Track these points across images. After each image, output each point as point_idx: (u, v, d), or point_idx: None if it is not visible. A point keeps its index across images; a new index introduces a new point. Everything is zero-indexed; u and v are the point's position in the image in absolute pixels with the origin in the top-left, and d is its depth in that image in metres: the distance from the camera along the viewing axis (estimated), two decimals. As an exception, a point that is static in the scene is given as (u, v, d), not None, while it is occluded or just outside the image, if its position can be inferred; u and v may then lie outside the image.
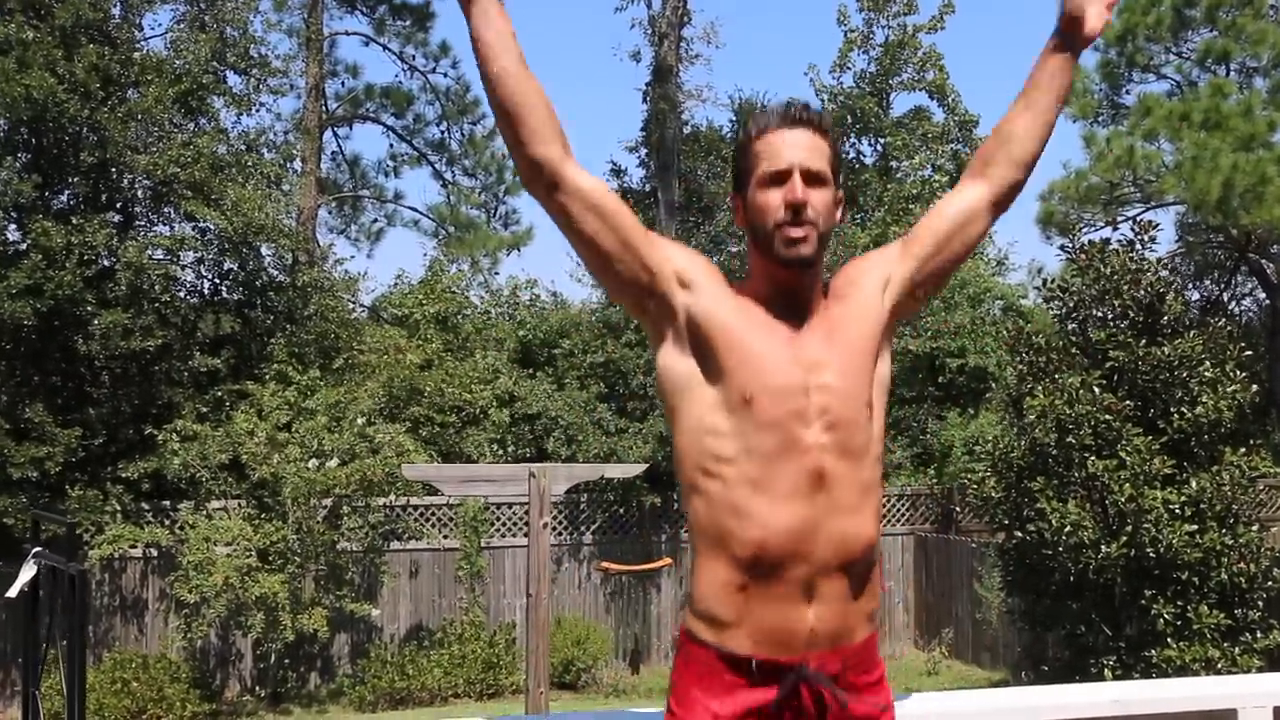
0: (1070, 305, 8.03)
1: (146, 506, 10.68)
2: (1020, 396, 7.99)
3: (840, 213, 1.86)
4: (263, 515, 10.53)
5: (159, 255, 11.29)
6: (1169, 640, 6.96)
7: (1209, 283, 18.56)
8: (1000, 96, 39.22)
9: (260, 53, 12.86)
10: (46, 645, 5.78)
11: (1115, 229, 8.48)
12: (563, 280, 49.21)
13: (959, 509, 13.06)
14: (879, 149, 19.38)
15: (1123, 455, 7.18)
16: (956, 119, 19.54)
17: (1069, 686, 2.55)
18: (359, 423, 10.99)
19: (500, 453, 12.61)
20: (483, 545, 11.54)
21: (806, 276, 1.82)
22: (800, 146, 1.79)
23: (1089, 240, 8.34)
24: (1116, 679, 6.80)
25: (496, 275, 17.31)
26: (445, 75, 17.43)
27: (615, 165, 20.78)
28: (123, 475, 10.39)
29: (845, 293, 1.88)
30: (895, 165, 18.77)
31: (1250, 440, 7.71)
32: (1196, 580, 7.05)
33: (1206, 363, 7.36)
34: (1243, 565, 7.10)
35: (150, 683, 9.73)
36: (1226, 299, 18.43)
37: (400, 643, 11.26)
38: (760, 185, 1.80)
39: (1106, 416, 7.26)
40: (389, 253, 54.89)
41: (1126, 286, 7.63)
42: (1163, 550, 6.97)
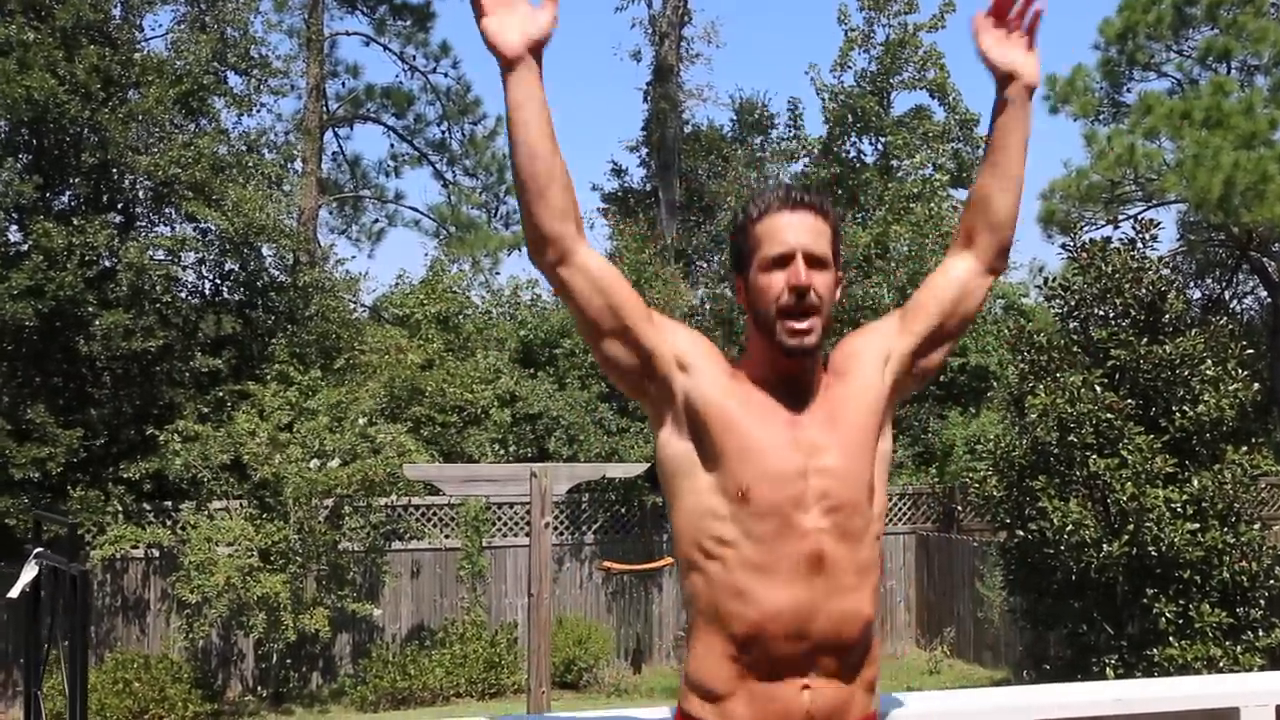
0: (1071, 304, 8.02)
1: (148, 507, 10.69)
2: (1022, 395, 7.99)
3: (840, 292, 1.85)
4: (264, 515, 10.54)
5: (160, 256, 11.30)
6: (1171, 639, 6.96)
7: (1210, 281, 18.56)
8: (1001, 95, 39.11)
9: (261, 53, 12.88)
10: (48, 645, 5.78)
11: (1116, 227, 8.49)
12: (564, 280, 49.18)
13: (960, 508, 13.06)
14: (879, 148, 19.35)
15: (1124, 454, 7.17)
16: (957, 118, 19.51)
17: (1071, 685, 2.55)
18: (360, 423, 10.99)
19: (502, 452, 12.61)
20: (484, 545, 11.55)
21: (808, 362, 1.81)
22: (803, 229, 1.79)
23: (1090, 239, 8.34)
24: (1118, 678, 6.79)
25: (497, 275, 17.36)
26: (446, 75, 17.47)
27: (616, 165, 20.79)
28: (124, 476, 10.40)
29: (846, 369, 1.88)
30: (896, 164, 18.74)
31: (1252, 439, 7.71)
32: (1198, 579, 7.05)
33: (1208, 361, 7.36)
34: (1244, 564, 7.09)
35: (152, 683, 9.74)
36: (1228, 297, 18.43)
37: (402, 642, 11.27)
38: (762, 268, 1.80)
39: (1108, 415, 7.25)
40: (390, 253, 54.89)
41: (1128, 285, 7.63)
42: (1164, 549, 6.97)
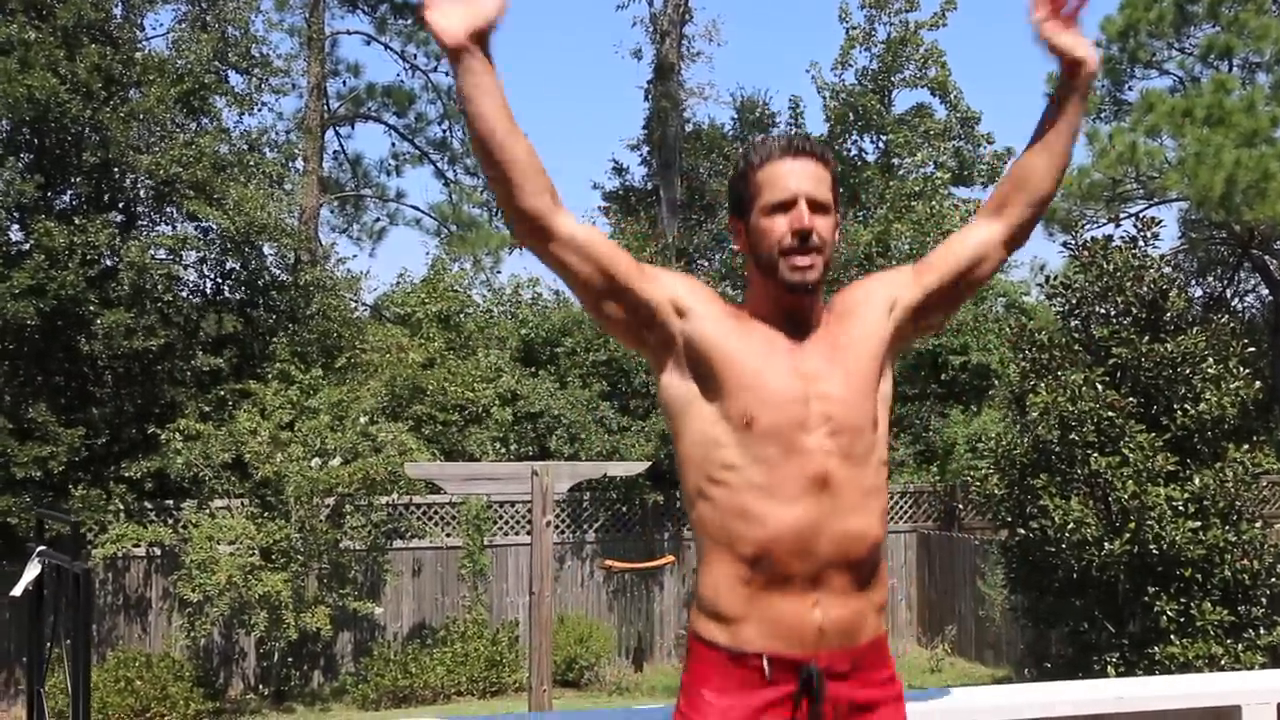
0: (1073, 302, 8.01)
1: (150, 505, 10.70)
2: (1023, 393, 7.98)
3: (839, 236, 1.89)
4: (266, 514, 10.54)
5: (161, 255, 11.30)
6: (1172, 637, 6.96)
7: (1212, 279, 18.55)
8: (1002, 93, 39.19)
9: (262, 52, 12.88)
10: (51, 644, 5.79)
11: (1118, 225, 8.50)
12: (565, 278, 49.18)
13: (962, 506, 13.06)
14: (881, 146, 19.35)
15: (1126, 452, 7.17)
16: (958, 116, 19.51)
17: (1073, 684, 2.55)
18: (361, 421, 11.00)
19: (503, 451, 12.61)
20: (485, 543, 11.55)
21: (809, 299, 1.84)
22: (805, 175, 1.82)
23: (1092, 237, 8.34)
24: (1120, 676, 6.79)
25: (498, 274, 17.38)
26: (447, 74, 17.44)
27: (617, 163, 20.79)
28: (126, 474, 10.41)
29: (849, 311, 1.91)
30: (897, 162, 18.74)
31: (1253, 437, 7.70)
32: (1200, 577, 7.04)
33: (1209, 359, 7.35)
34: (1246, 562, 7.09)
35: (154, 681, 9.75)
36: (1229, 295, 18.42)
37: (403, 641, 11.27)
38: (764, 212, 1.82)
39: (1109, 413, 7.25)
40: (391, 251, 54.84)
41: (1129, 283, 7.62)
42: (1166, 547, 6.97)
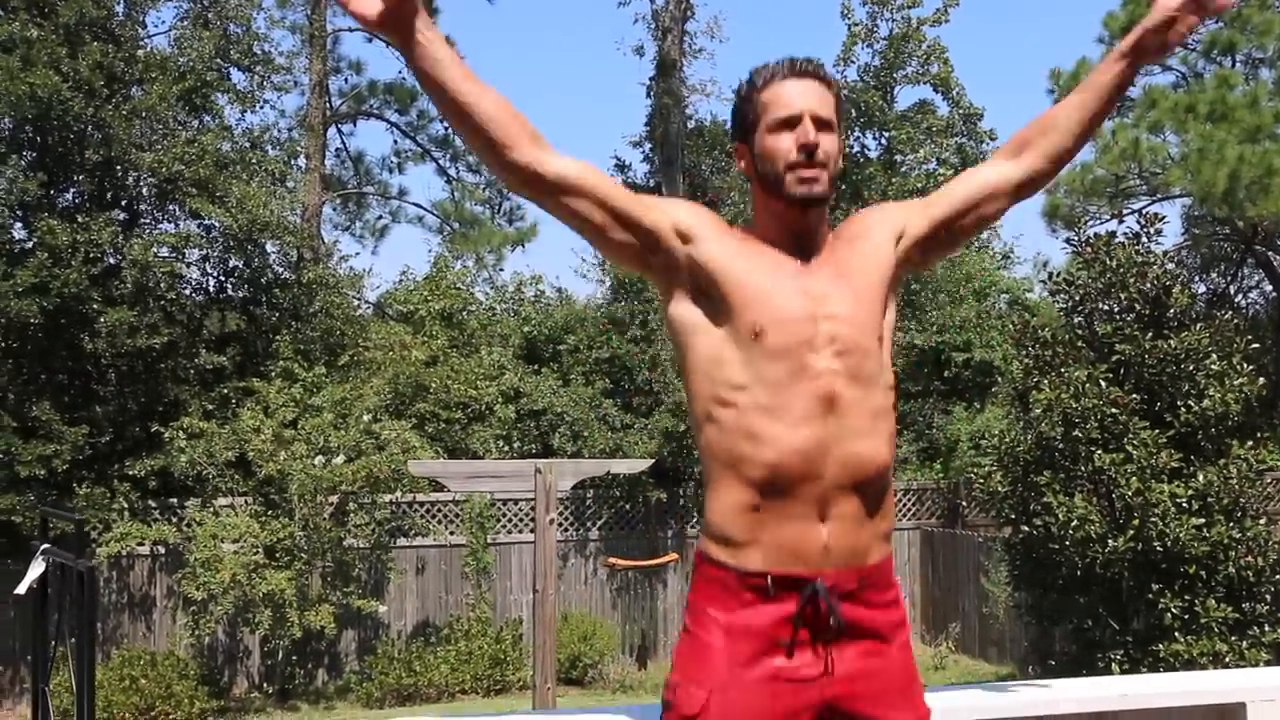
0: (1076, 298, 8.00)
1: (154, 504, 10.72)
2: (1026, 390, 7.97)
3: (842, 159, 1.90)
4: (269, 512, 10.55)
5: (164, 253, 11.32)
6: (1176, 634, 6.94)
7: (1215, 275, 18.52)
8: (1004, 89, 39.12)
9: (264, 49, 12.88)
10: (55, 642, 5.80)
11: (1121, 222, 8.42)
12: (567, 276, 49.26)
13: (965, 504, 13.05)
14: (883, 143, 19.33)
15: (1129, 449, 7.15)
16: (961, 112, 19.49)
17: (1077, 681, 2.54)
18: (365, 419, 11.00)
19: (506, 449, 12.62)
20: (489, 541, 11.56)
21: (814, 216, 1.85)
22: (809, 93, 1.83)
23: (1095, 233, 8.31)
24: (1124, 673, 6.78)
25: (501, 271, 17.32)
26: (449, 71, 17.44)
27: (619, 160, 20.80)
28: (130, 473, 10.43)
29: (857, 235, 1.91)
30: (900, 159, 18.73)
31: (1258, 433, 7.68)
32: (1204, 574, 7.03)
33: (1213, 356, 7.33)
34: (1250, 559, 7.07)
35: (158, 680, 9.76)
36: (1233, 291, 18.38)
37: (407, 639, 11.29)
38: (770, 130, 1.83)
39: (1113, 410, 7.23)
40: (394, 249, 54.91)
41: (1132, 279, 7.60)
42: (1170, 544, 6.95)
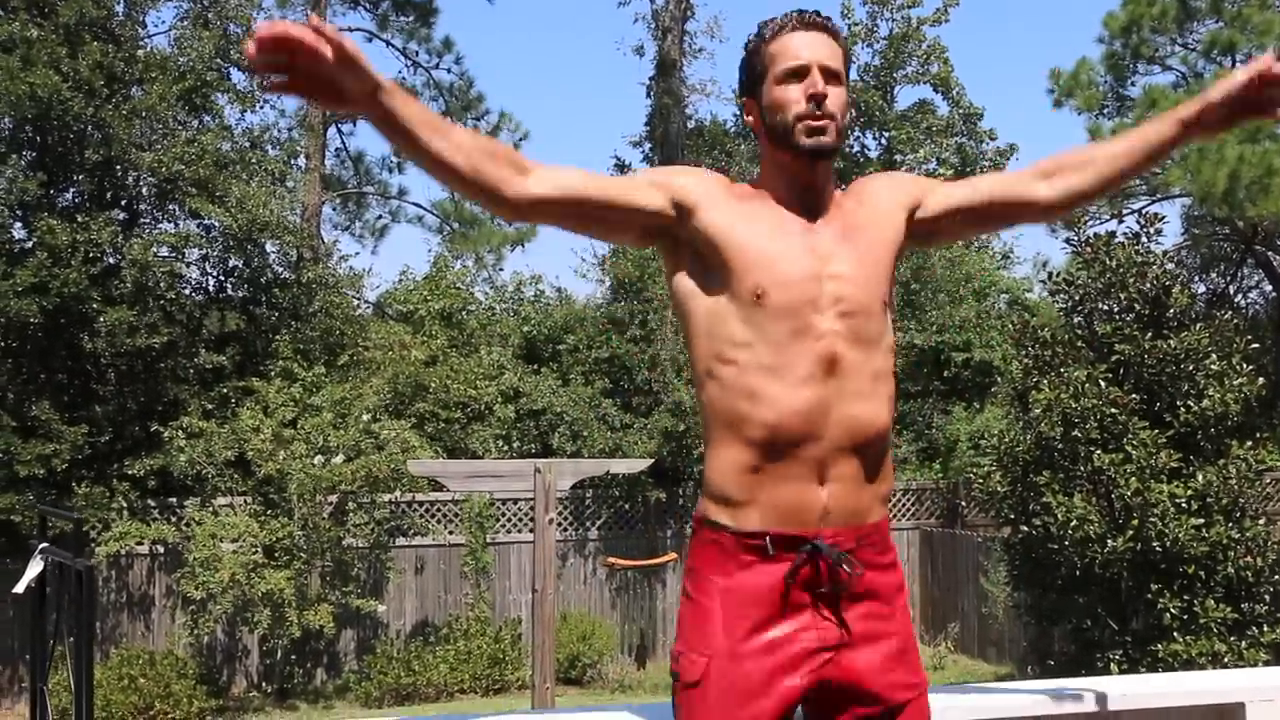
0: (1076, 298, 8.00)
1: (153, 503, 10.71)
2: (1025, 390, 7.97)
3: (851, 112, 1.87)
4: (269, 512, 10.55)
5: (164, 252, 11.32)
6: (1175, 634, 6.94)
7: (1215, 275, 18.53)
8: (1005, 89, 39.13)
9: (264, 49, 12.86)
10: (54, 641, 5.79)
11: (1121, 222, 8.42)
12: (567, 276, 49.26)
13: (964, 503, 13.05)
14: (883, 142, 19.35)
15: (1129, 449, 7.15)
16: (961, 112, 19.51)
17: (1077, 681, 2.54)
18: (364, 419, 11.00)
19: (505, 448, 12.62)
20: (488, 541, 11.56)
21: (822, 168, 1.83)
22: (818, 44, 1.82)
23: (1094, 233, 8.31)
24: (1123, 673, 6.78)
25: (501, 271, 17.32)
26: (449, 71, 17.45)
27: (619, 160, 20.78)
28: (129, 472, 10.43)
29: (866, 196, 1.90)
30: (900, 158, 18.74)
31: (1257, 433, 7.68)
32: (1203, 574, 7.03)
33: (1213, 356, 7.33)
34: (1249, 559, 7.07)
35: (157, 679, 9.76)
36: (1233, 291, 18.39)
37: (406, 639, 11.28)
38: (778, 81, 1.81)
39: (1112, 410, 7.23)
40: (393, 249, 54.86)
41: (1132, 279, 7.60)
42: (1169, 544, 6.95)
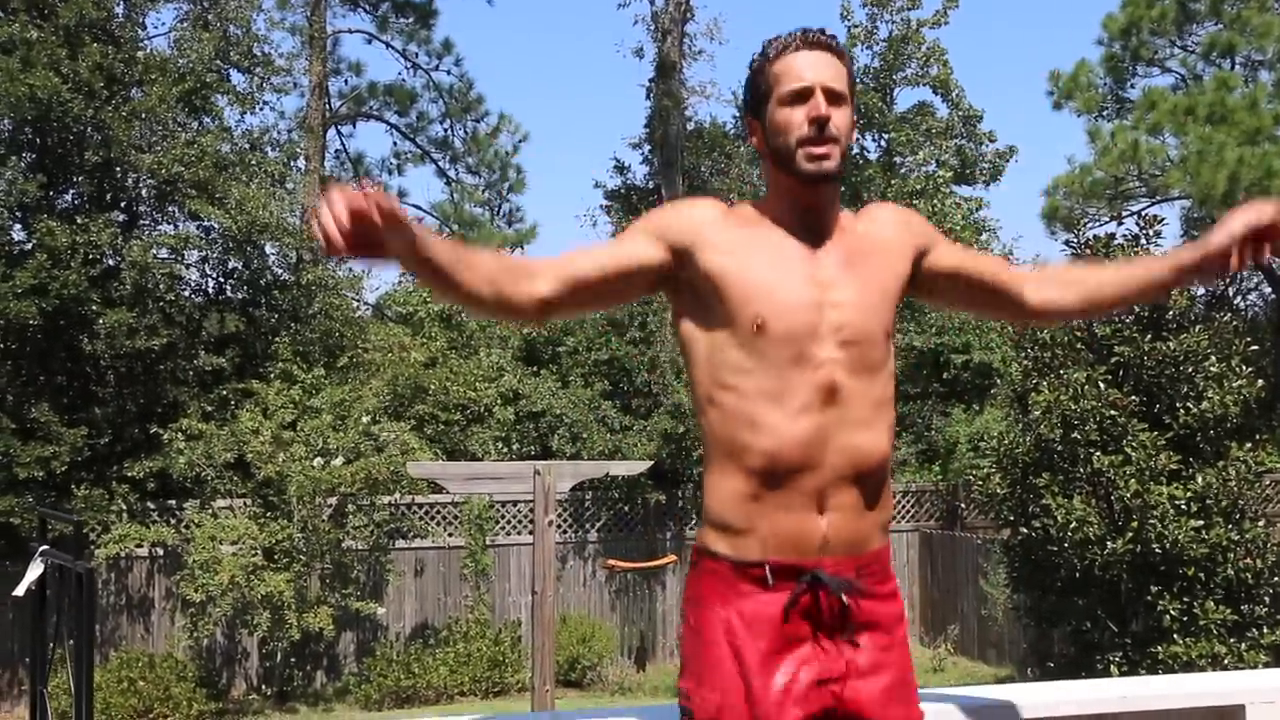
0: (1075, 300, 7.99)
1: (152, 506, 10.70)
2: (1025, 392, 7.97)
3: (855, 133, 1.87)
4: (268, 514, 10.55)
5: (163, 254, 11.32)
6: (1175, 636, 6.94)
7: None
8: (1004, 91, 39.15)
9: (263, 51, 12.88)
10: (54, 644, 5.79)
11: (1120, 223, 8.44)
12: (567, 278, 49.17)
13: (964, 505, 13.04)
14: (883, 144, 19.35)
15: (1128, 451, 7.16)
16: (960, 114, 19.52)
17: (1076, 683, 2.54)
18: (364, 421, 11.00)
19: (505, 450, 12.61)
20: (488, 543, 11.55)
21: (826, 193, 1.83)
22: (822, 65, 1.81)
23: (1094, 235, 8.32)
24: (1122, 675, 6.78)
25: (500, 273, 17.32)
26: (448, 73, 17.48)
27: (619, 162, 20.80)
28: (128, 474, 10.42)
29: (877, 225, 1.89)
30: (899, 161, 18.75)
31: (1256, 435, 7.68)
32: (1203, 576, 7.03)
33: (1212, 358, 7.34)
34: (1249, 561, 7.08)
35: (157, 681, 9.76)
36: (1232, 294, 18.39)
37: (406, 641, 11.28)
38: (781, 103, 1.81)
39: (1112, 412, 7.24)
40: (393, 251, 54.64)
41: (1132, 281, 7.60)
42: (1169, 546, 6.96)
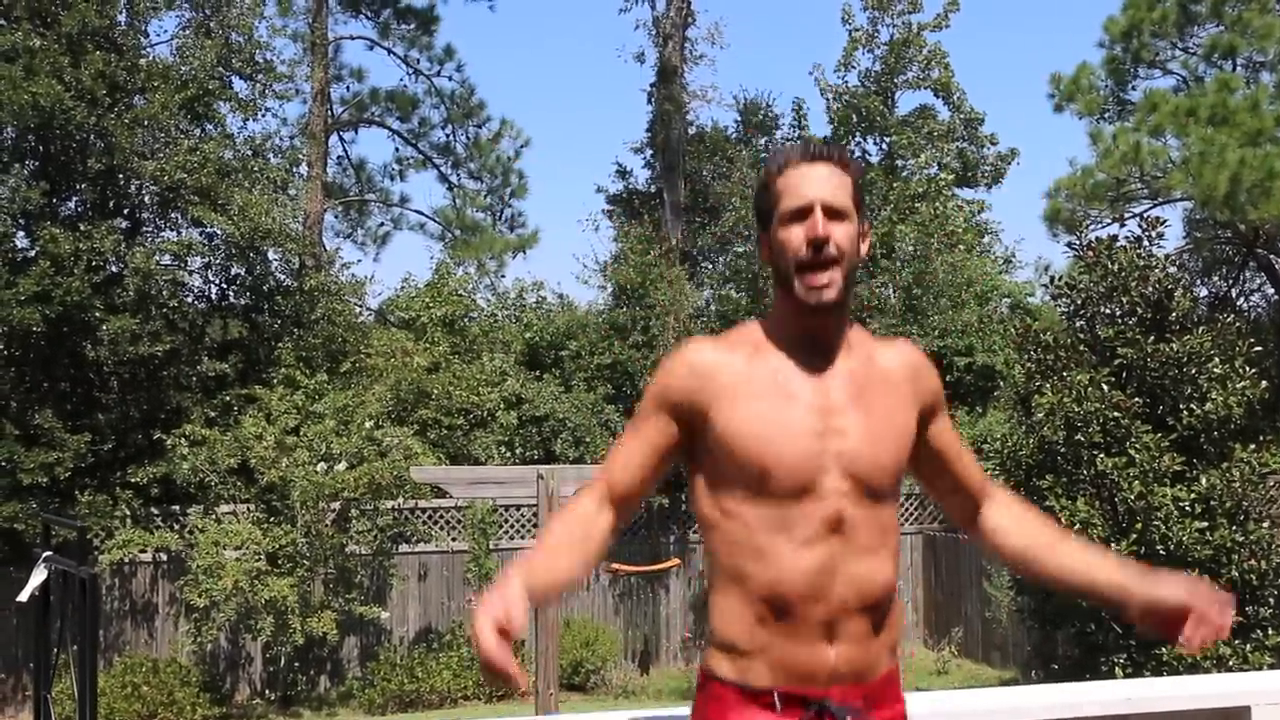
0: (1078, 302, 8.00)
1: (156, 511, 10.71)
2: (1028, 394, 7.97)
3: (865, 246, 1.84)
4: (272, 519, 10.55)
5: (166, 261, 11.33)
6: (1180, 638, 6.93)
7: (1217, 279, 18.49)
8: (1006, 94, 39.13)
9: (265, 58, 12.89)
10: (57, 649, 5.79)
11: (1122, 225, 8.44)
12: (569, 282, 49.29)
13: (968, 508, 13.01)
14: (884, 148, 19.37)
15: (1132, 452, 7.15)
16: (962, 117, 19.55)
17: (1080, 685, 2.54)
18: (367, 426, 11.00)
19: (508, 455, 12.61)
20: (491, 547, 11.54)
21: (831, 318, 1.80)
22: (821, 181, 1.78)
23: (1096, 237, 8.32)
24: (1127, 677, 6.78)
25: (503, 278, 17.37)
26: (450, 79, 17.48)
27: (621, 166, 20.80)
28: (132, 480, 10.42)
29: (891, 364, 1.86)
30: (900, 164, 18.76)
31: (1260, 436, 7.68)
32: (1207, 577, 7.02)
33: (1215, 359, 7.33)
34: (1253, 562, 7.07)
35: (161, 686, 9.76)
36: (1235, 295, 18.36)
37: (409, 645, 11.27)
38: (782, 222, 1.79)
39: (1115, 414, 7.23)
40: (395, 256, 55.02)
41: (1134, 283, 7.60)
42: (1173, 547, 6.95)
